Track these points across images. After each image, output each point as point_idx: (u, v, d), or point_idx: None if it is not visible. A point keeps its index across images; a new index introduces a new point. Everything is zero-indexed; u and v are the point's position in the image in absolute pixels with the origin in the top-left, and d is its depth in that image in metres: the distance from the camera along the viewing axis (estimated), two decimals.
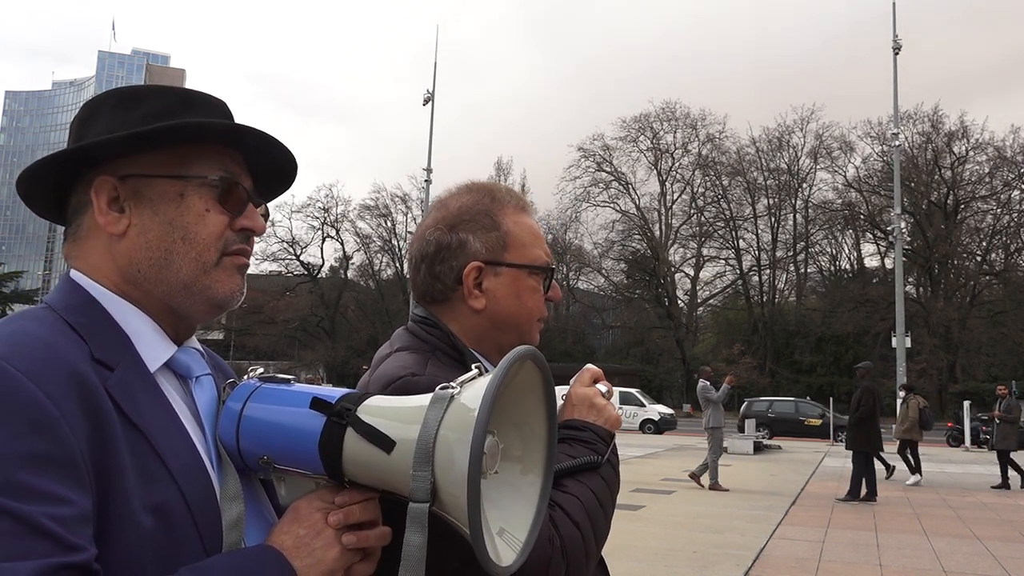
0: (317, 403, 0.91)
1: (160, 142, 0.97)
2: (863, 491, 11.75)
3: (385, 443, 0.85)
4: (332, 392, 0.94)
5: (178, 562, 0.82)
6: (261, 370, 1.02)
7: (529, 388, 0.95)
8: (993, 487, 14.13)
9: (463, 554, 1.03)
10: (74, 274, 0.97)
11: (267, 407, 0.95)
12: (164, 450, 0.87)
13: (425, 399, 0.87)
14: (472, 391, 0.85)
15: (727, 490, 12.49)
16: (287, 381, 0.99)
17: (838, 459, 18.06)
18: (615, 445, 1.28)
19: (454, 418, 0.83)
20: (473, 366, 0.93)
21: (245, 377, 1.02)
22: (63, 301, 0.94)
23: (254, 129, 1.01)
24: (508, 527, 0.92)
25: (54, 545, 0.72)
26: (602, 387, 1.33)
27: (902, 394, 15.55)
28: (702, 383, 13.00)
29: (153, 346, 0.95)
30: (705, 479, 12.82)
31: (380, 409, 0.90)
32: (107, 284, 0.96)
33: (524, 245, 1.33)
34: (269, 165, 1.08)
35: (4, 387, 0.76)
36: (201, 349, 1.06)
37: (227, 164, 1.01)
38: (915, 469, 14.56)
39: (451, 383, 0.87)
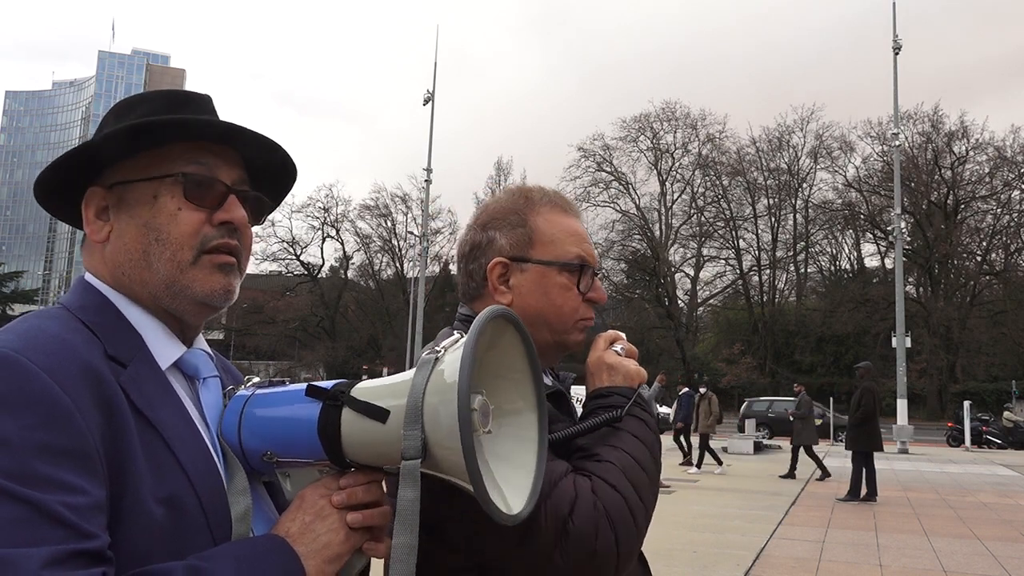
0: (312, 390, 0.94)
1: (131, 148, 0.99)
2: (863, 491, 11.76)
3: (380, 414, 0.88)
4: (326, 383, 0.97)
5: (187, 551, 0.84)
6: (256, 379, 1.04)
7: (511, 345, 0.98)
8: (781, 476, 14.90)
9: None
10: (88, 277, 1.01)
11: (266, 406, 0.98)
12: (175, 443, 0.90)
13: (412, 371, 0.90)
14: (455, 354, 0.87)
15: (668, 486, 12.75)
16: (282, 382, 1.01)
17: (838, 459, 18.05)
18: (641, 396, 1.26)
19: (439, 379, 0.86)
20: (456, 332, 0.95)
21: (241, 387, 1.03)
22: (77, 301, 0.97)
23: (201, 119, 1.00)
24: (513, 477, 0.95)
25: (68, 532, 0.74)
26: (617, 347, 1.33)
27: (703, 390, 16.38)
28: None
29: (164, 345, 0.97)
30: None
31: (372, 387, 0.92)
32: (113, 287, 0.99)
33: (553, 242, 1.32)
34: (264, 160, 1.09)
35: (21, 380, 0.79)
36: (209, 351, 1.07)
37: (201, 159, 1.00)
38: (698, 461, 15.83)
39: (436, 348, 0.90)
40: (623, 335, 1.36)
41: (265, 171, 1.10)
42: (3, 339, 0.84)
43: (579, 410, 1.32)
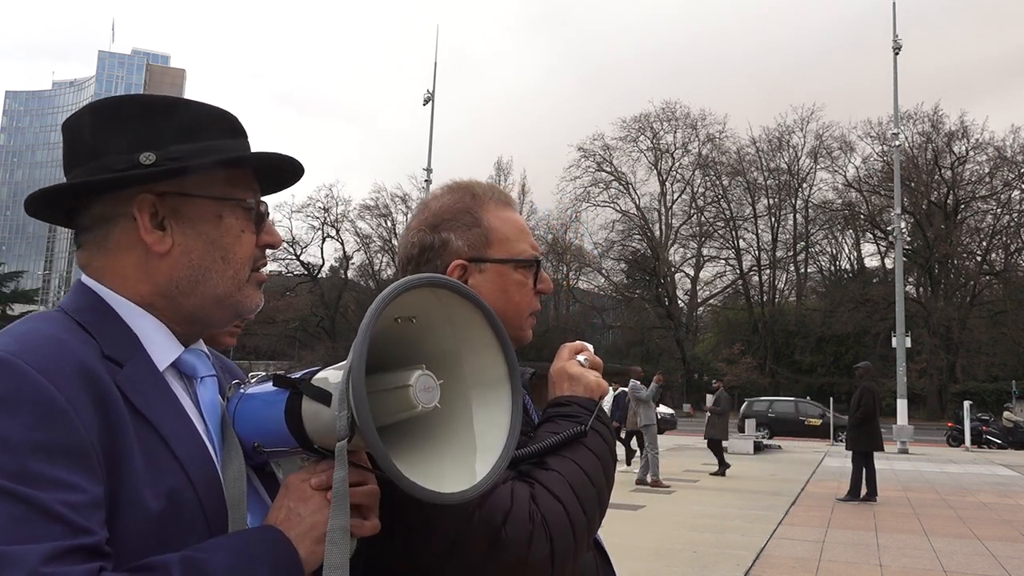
0: (279, 380, 0.97)
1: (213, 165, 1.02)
2: (863, 491, 11.76)
3: (326, 398, 0.90)
4: (296, 372, 0.99)
5: (185, 544, 0.86)
6: (261, 375, 1.08)
7: (466, 314, 0.98)
8: (712, 474, 15.17)
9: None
10: (87, 280, 1.00)
11: (250, 399, 1.02)
12: (172, 440, 0.92)
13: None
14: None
15: (668, 486, 12.73)
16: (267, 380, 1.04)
17: (838, 459, 18.05)
18: (601, 410, 1.27)
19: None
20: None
21: (228, 395, 1.06)
22: (74, 304, 0.98)
23: (298, 164, 1.09)
24: (469, 458, 0.96)
25: (66, 529, 0.77)
26: (580, 358, 1.32)
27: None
28: (632, 383, 13.59)
29: (162, 346, 0.99)
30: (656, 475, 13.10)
31: (330, 373, 0.94)
32: (132, 296, 0.99)
33: (508, 240, 1.33)
34: (276, 174, 1.13)
35: (17, 382, 0.81)
36: (207, 351, 1.09)
37: (253, 185, 1.07)
38: (627, 458, 15.86)
39: None
40: (589, 346, 1.36)
41: (266, 176, 1.13)
42: (0, 342, 0.86)
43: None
